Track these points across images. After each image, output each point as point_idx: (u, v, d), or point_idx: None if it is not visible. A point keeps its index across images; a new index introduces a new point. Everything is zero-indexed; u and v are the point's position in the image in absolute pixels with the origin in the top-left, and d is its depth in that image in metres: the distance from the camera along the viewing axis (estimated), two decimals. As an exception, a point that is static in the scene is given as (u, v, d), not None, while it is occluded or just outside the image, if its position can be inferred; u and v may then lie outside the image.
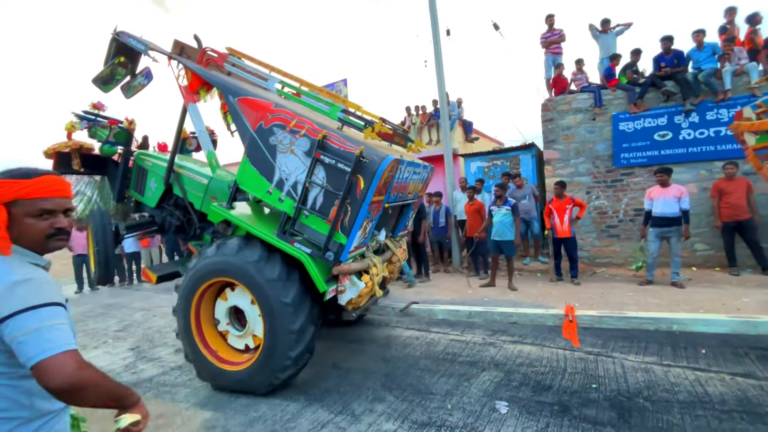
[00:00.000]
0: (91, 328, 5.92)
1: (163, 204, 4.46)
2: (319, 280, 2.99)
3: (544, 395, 2.98)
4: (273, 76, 3.48)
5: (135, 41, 3.86)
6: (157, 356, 4.43)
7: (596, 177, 7.58)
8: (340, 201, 2.86)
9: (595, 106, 7.55)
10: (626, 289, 5.85)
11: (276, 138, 3.11)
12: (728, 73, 6.45)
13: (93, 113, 4.52)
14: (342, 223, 2.92)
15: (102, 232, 4.20)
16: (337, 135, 2.95)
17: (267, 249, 3.12)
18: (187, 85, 3.65)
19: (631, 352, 3.69)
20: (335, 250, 2.96)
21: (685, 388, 2.96)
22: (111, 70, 4.06)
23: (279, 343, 3.01)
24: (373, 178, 2.80)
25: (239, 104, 3.28)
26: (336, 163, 2.87)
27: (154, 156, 4.67)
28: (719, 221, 6.19)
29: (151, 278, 4.14)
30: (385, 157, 2.84)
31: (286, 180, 3.08)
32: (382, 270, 3.50)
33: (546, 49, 8.45)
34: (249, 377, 3.17)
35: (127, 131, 4.69)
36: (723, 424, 2.47)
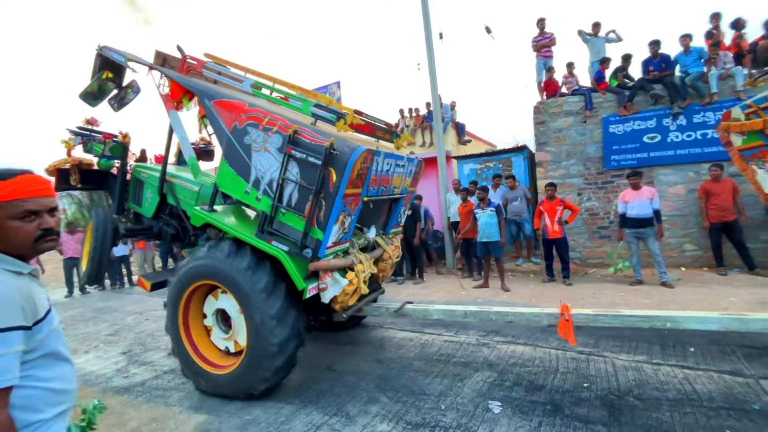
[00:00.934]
0: (82, 332, 5.85)
1: (159, 214, 4.50)
2: (297, 278, 2.97)
3: (536, 395, 3.02)
4: (248, 77, 3.52)
5: (116, 54, 3.92)
6: (150, 360, 4.39)
7: (587, 179, 7.68)
8: (314, 195, 2.86)
9: (585, 108, 7.66)
10: (617, 289, 5.93)
11: (250, 137, 3.12)
12: (714, 76, 6.59)
13: (87, 129, 4.59)
14: (317, 218, 2.91)
15: (103, 228, 4.21)
16: (309, 129, 2.97)
17: (257, 256, 3.11)
18: (167, 94, 3.72)
19: (622, 351, 3.74)
20: (313, 246, 2.95)
21: (674, 386, 3.01)
22: (97, 85, 4.13)
23: (260, 354, 3.00)
24: (345, 170, 2.80)
25: (215, 107, 3.32)
26: (307, 157, 2.87)
27: (149, 167, 4.72)
28: (707, 222, 6.32)
29: (146, 286, 4.14)
30: (356, 148, 2.83)
31: (262, 178, 3.09)
32: (369, 267, 3.47)
33: (537, 52, 8.56)
34: (229, 382, 3.17)
35: (122, 145, 4.76)
36: (711, 421, 2.52)
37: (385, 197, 3.65)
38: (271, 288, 3.02)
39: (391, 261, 3.96)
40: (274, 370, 3.03)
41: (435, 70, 8.49)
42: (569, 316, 3.10)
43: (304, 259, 3.00)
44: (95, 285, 4.44)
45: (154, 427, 2.92)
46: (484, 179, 9.21)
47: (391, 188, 3.69)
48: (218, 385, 3.25)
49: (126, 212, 4.95)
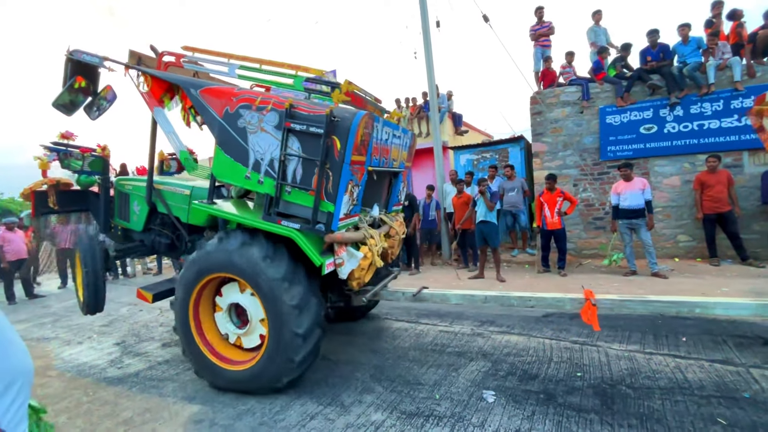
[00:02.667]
0: (76, 323, 5.82)
1: (150, 226, 4.31)
2: (314, 254, 2.88)
3: (530, 384, 3.04)
4: (233, 63, 3.44)
5: (89, 57, 3.73)
6: (144, 351, 4.38)
7: (583, 170, 7.67)
8: (320, 166, 2.79)
9: (582, 99, 7.61)
10: (611, 280, 5.97)
11: (244, 120, 3.04)
12: (712, 67, 6.56)
13: (62, 143, 4.29)
14: (326, 191, 2.85)
15: (91, 255, 4.00)
16: (305, 102, 2.91)
17: (272, 245, 2.99)
18: (149, 91, 3.60)
19: (615, 340, 3.77)
20: (325, 220, 2.88)
21: (666, 375, 3.04)
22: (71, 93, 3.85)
23: (284, 346, 2.89)
24: (348, 136, 2.75)
25: (203, 96, 3.22)
26: (308, 128, 2.81)
27: (133, 179, 4.53)
28: (701, 213, 6.34)
29: (147, 298, 3.97)
30: (357, 113, 2.80)
31: (262, 160, 3.00)
32: (381, 241, 3.42)
33: (535, 41, 8.46)
34: (250, 378, 3.06)
35: (102, 158, 4.51)
36: (701, 409, 2.55)
37: (386, 169, 3.60)
38: (291, 276, 2.92)
39: (399, 237, 3.91)
40: (299, 361, 2.93)
41: (432, 59, 8.39)
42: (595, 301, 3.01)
43: (318, 234, 2.92)
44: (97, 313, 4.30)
45: (148, 417, 2.91)
46: (480, 170, 9.18)
47: (391, 161, 3.64)
48: (237, 382, 3.12)
49: (113, 230, 4.69)
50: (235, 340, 3.30)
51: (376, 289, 3.63)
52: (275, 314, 2.90)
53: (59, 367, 4.09)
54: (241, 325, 3.30)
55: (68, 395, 3.38)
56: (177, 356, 4.13)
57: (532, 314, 4.70)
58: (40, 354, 4.48)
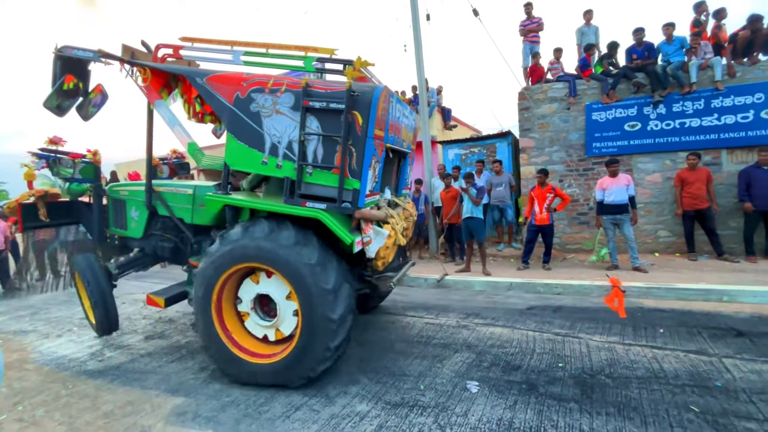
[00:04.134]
0: (55, 316, 5.68)
1: (150, 231, 4.11)
2: (344, 233, 2.81)
3: (513, 375, 3.09)
4: (237, 49, 3.34)
5: (81, 52, 3.53)
6: (126, 344, 4.30)
7: (569, 165, 7.78)
8: (343, 142, 2.74)
9: (569, 95, 7.70)
10: (594, 274, 6.10)
11: (257, 104, 2.96)
12: (694, 66, 6.70)
13: (51, 150, 4.05)
14: (350, 167, 2.80)
15: (93, 278, 3.83)
16: (320, 81, 2.87)
17: (302, 230, 2.91)
18: (149, 84, 3.45)
19: (596, 332, 3.86)
20: (350, 198, 2.84)
21: (643, 365, 3.13)
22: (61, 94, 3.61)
23: (318, 333, 2.81)
24: (370, 109, 2.73)
25: (209, 83, 3.13)
26: (328, 105, 2.76)
27: (128, 184, 4.29)
28: (680, 209, 6.52)
29: (159, 304, 3.82)
30: (377, 87, 2.78)
31: (279, 143, 2.94)
32: (401, 219, 3.40)
33: (524, 37, 8.50)
34: (283, 370, 2.95)
35: (93, 165, 4.26)
36: (675, 398, 2.64)
37: (399, 148, 3.58)
38: (324, 260, 2.85)
39: (412, 218, 3.90)
40: (335, 348, 2.86)
41: (421, 53, 8.35)
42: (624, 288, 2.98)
43: (345, 212, 2.88)
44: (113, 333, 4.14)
45: (129, 410, 2.87)
46: (468, 165, 9.23)
47: (401, 140, 3.61)
48: (265, 375, 3.02)
49: (109, 240, 4.42)
50: (264, 333, 3.18)
51: (399, 275, 3.57)
52: (309, 301, 2.81)
53: (37, 360, 3.99)
54: (268, 317, 3.19)
55: (46, 388, 3.31)
56: (160, 348, 4.07)
57: (516, 307, 4.78)
58: (16, 347, 4.37)
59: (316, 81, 2.90)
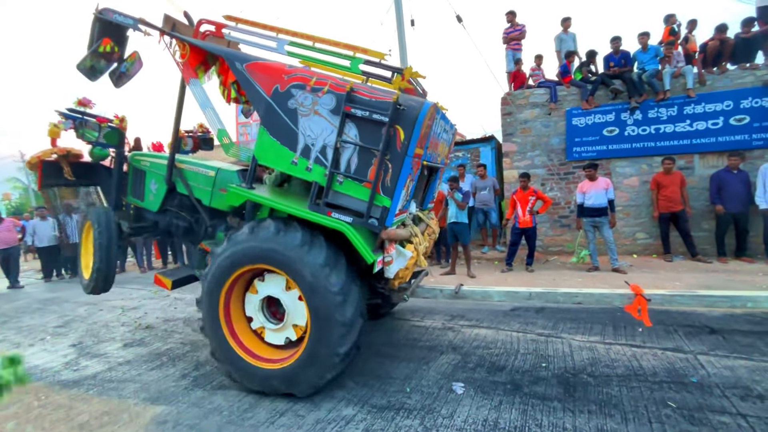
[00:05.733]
0: (26, 324, 5.45)
1: (166, 207, 4.00)
2: (366, 251, 2.68)
3: (497, 375, 3.12)
4: (281, 38, 3.15)
5: (121, 17, 3.38)
6: (103, 352, 4.16)
7: (550, 169, 7.95)
8: (380, 157, 2.61)
9: (550, 101, 7.89)
10: (575, 275, 6.24)
11: (296, 100, 2.81)
12: (668, 74, 6.96)
13: (79, 111, 3.94)
14: (383, 183, 2.67)
15: (107, 233, 3.69)
16: (365, 86, 2.76)
17: (309, 231, 2.81)
18: (186, 61, 3.27)
19: (578, 332, 3.94)
20: (378, 215, 2.71)
21: (623, 363, 3.21)
22: (96, 57, 3.49)
23: (326, 338, 2.70)
24: (414, 126, 2.59)
25: (249, 70, 2.95)
26: (371, 115, 2.62)
27: (150, 155, 4.16)
28: (656, 212, 6.75)
29: (165, 285, 3.70)
30: (424, 103, 2.65)
31: (313, 145, 2.79)
32: (425, 239, 3.28)
33: (507, 44, 8.68)
34: (290, 376, 2.82)
35: (119, 131, 4.15)
36: (654, 394, 2.71)
37: (434, 164, 3.46)
38: (333, 261, 2.74)
39: (434, 235, 3.76)
40: (344, 354, 2.74)
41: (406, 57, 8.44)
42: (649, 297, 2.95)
43: (372, 230, 2.76)
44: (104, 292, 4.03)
45: (106, 420, 2.77)
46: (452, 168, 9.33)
47: (437, 156, 3.48)
48: (275, 381, 2.89)
49: (125, 208, 4.35)
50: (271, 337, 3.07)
51: (413, 286, 3.50)
52: (316, 303, 2.71)
53: (7, 370, 3.82)
54: (275, 321, 3.09)
55: (17, 400, 3.16)
56: (139, 356, 3.95)
57: (500, 308, 4.84)
58: (-15, 358, 4.17)
59: (361, 86, 2.76)
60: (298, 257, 2.71)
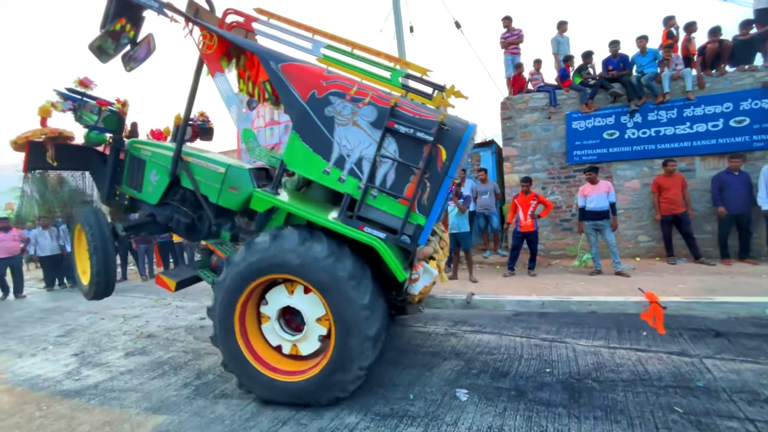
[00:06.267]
0: (28, 334, 5.44)
1: (166, 200, 3.79)
2: (399, 269, 2.62)
3: (501, 381, 3.10)
4: (317, 39, 3.04)
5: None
6: (105, 361, 4.15)
7: (551, 173, 7.95)
8: (420, 175, 2.59)
9: (550, 105, 7.91)
10: (578, 279, 6.20)
11: (333, 108, 2.73)
12: (667, 77, 6.98)
13: (79, 92, 3.69)
14: (420, 201, 2.65)
15: (99, 233, 3.53)
16: (409, 102, 2.71)
17: (336, 242, 2.72)
18: (213, 53, 3.10)
19: (582, 337, 3.91)
20: (411, 232, 2.68)
21: (628, 367, 3.18)
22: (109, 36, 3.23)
23: (353, 351, 2.63)
24: (458, 148, 2.57)
25: (284, 71, 2.82)
26: (414, 132, 2.59)
27: (152, 144, 3.93)
28: (659, 215, 6.73)
29: (169, 286, 3.59)
30: (469, 125, 2.64)
31: (348, 156, 2.73)
32: (444, 255, 3.26)
33: (505, 49, 8.73)
34: (310, 388, 2.76)
35: (119, 115, 3.91)
36: (660, 399, 2.68)
37: None
38: (360, 274, 2.66)
39: (447, 248, 3.73)
40: (367, 367, 2.69)
41: (405, 63, 8.48)
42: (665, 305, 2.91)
43: (405, 247, 2.72)
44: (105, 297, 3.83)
45: (107, 430, 2.75)
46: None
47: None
48: (295, 393, 2.82)
49: (119, 198, 4.09)
50: (290, 349, 2.95)
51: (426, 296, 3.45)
52: (342, 316, 2.63)
53: (9, 380, 3.80)
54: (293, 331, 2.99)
55: (18, 410, 3.15)
56: (141, 365, 3.93)
57: (503, 313, 4.81)
58: (-14, 368, 4.16)
59: (404, 101, 2.71)
60: (325, 268, 2.62)
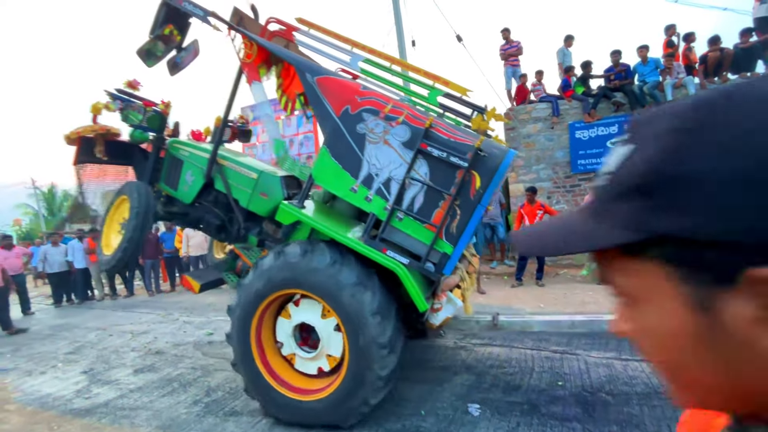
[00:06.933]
0: (38, 351, 5.46)
1: (199, 200, 3.86)
2: (420, 298, 2.52)
3: (513, 395, 3.06)
4: (356, 52, 3.02)
5: (191, 6, 3.22)
6: (114, 378, 4.15)
7: (556, 182, 7.95)
8: (450, 201, 2.50)
9: (553, 115, 7.96)
10: (586, 288, 6.14)
11: (366, 125, 2.67)
12: (669, 86, 7.02)
13: (127, 92, 3.87)
14: (448, 229, 2.54)
15: (146, 201, 3.57)
16: (443, 123, 2.65)
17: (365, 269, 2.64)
18: (252, 62, 3.11)
19: (594, 348, 3.86)
20: (436, 260, 2.57)
21: (642, 380, 3.14)
22: (158, 41, 3.35)
23: (367, 361, 2.55)
24: (494, 176, 2.47)
25: (319, 85, 2.78)
26: (448, 156, 2.50)
27: (190, 145, 4.01)
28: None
29: (193, 287, 3.63)
30: (509, 151, 2.56)
31: (377, 176, 2.66)
32: (471, 283, 3.16)
33: (505, 61, 8.83)
34: (331, 407, 2.68)
35: (161, 115, 4.03)
36: (677, 413, 2.62)
37: None
38: (386, 310, 2.57)
39: (475, 274, 3.59)
40: (386, 377, 2.60)
41: (408, 77, 8.60)
42: None
43: (428, 275, 2.62)
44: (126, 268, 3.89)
45: (119, 450, 2.75)
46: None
47: None
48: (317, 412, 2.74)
49: (156, 194, 4.21)
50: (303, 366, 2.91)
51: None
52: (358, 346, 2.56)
53: (19, 400, 3.81)
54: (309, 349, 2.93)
55: (29, 431, 3.16)
56: (150, 382, 3.93)
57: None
58: (-3, 387, 4.18)
59: (440, 122, 2.64)
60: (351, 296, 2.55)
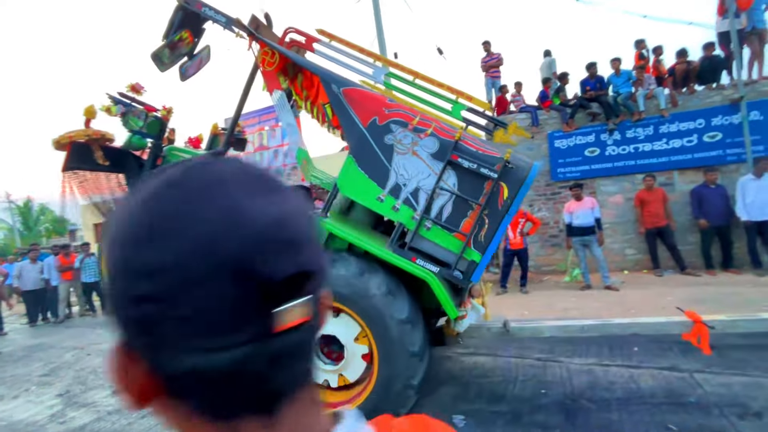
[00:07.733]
0: (10, 375, 5.24)
1: None
2: (451, 306, 2.57)
3: (498, 405, 3.09)
4: (378, 65, 3.05)
5: (212, 12, 3.15)
6: (91, 401, 4.01)
7: (537, 191, 8.13)
8: (479, 211, 2.59)
9: (532, 125, 8.16)
10: (569, 294, 6.27)
11: (394, 137, 2.73)
12: (641, 96, 7.30)
13: (129, 96, 3.74)
14: (476, 238, 2.63)
15: None
16: (471, 136, 2.72)
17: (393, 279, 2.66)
18: (272, 70, 3.10)
19: (575, 355, 3.93)
20: (464, 268, 2.66)
21: (621, 385, 3.21)
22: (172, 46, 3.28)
23: (398, 370, 2.55)
24: (521, 187, 2.58)
25: (346, 96, 2.82)
26: (478, 168, 2.59)
27: (190, 152, 3.96)
28: (642, 228, 6.90)
29: None
30: (534, 164, 2.66)
31: (404, 186, 2.72)
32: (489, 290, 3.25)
33: (486, 72, 9.05)
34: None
35: (161, 121, 3.93)
36: (655, 417, 2.71)
37: None
38: (415, 319, 2.60)
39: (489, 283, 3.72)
40: (417, 385, 2.63)
41: (391, 88, 8.72)
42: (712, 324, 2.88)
43: (457, 283, 2.68)
44: None
45: (96, 477, 2.66)
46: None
47: None
48: None
49: None
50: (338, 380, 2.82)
51: None
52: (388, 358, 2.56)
53: (-11, 427, 3.65)
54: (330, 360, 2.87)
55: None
56: (129, 404, 3.82)
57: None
58: (-35, 414, 3.99)
59: (468, 135, 2.74)
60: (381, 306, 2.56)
